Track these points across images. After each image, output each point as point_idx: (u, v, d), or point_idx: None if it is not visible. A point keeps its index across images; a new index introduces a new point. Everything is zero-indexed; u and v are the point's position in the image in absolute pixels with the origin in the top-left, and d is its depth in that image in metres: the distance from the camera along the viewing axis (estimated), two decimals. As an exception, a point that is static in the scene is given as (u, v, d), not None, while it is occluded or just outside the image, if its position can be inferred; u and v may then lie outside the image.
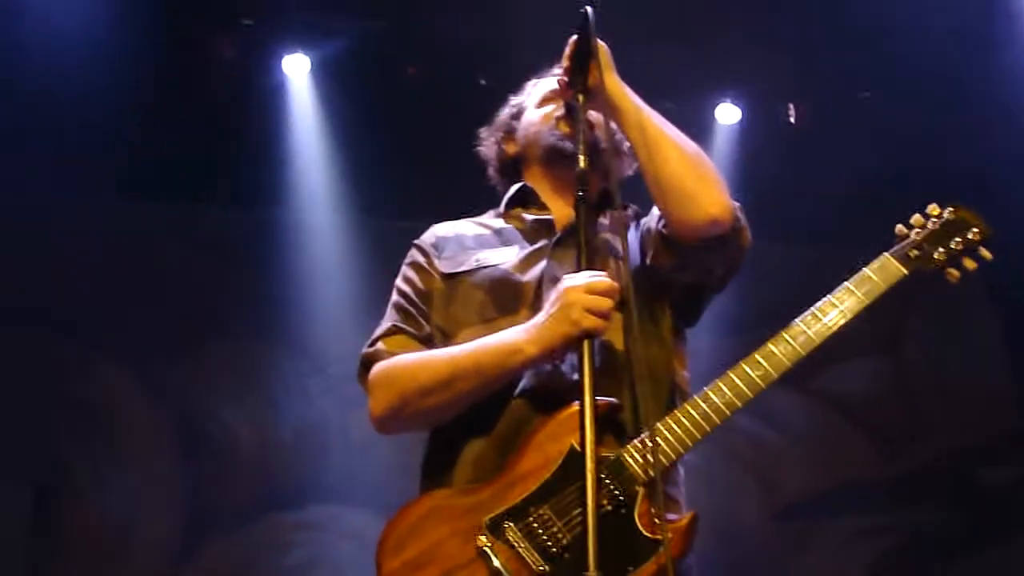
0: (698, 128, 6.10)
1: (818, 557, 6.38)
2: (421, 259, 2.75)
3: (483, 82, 5.84)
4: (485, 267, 2.63)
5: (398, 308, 2.69)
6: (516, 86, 3.10)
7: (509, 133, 2.98)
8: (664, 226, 2.51)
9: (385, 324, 2.67)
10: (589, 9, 2.38)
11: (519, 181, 2.91)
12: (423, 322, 2.64)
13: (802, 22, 5.54)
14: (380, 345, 2.62)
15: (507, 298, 2.56)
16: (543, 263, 2.59)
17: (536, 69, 3.02)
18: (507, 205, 2.87)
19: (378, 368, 2.56)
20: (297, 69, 5.91)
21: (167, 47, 5.58)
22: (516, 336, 2.39)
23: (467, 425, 2.47)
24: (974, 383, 6.77)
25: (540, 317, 2.38)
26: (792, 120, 6.29)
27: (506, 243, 2.73)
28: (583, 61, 2.45)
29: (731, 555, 5.88)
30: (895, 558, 6.41)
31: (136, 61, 5.45)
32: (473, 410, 2.46)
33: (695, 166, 2.46)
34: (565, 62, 2.53)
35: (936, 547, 6.41)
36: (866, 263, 2.49)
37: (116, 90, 5.47)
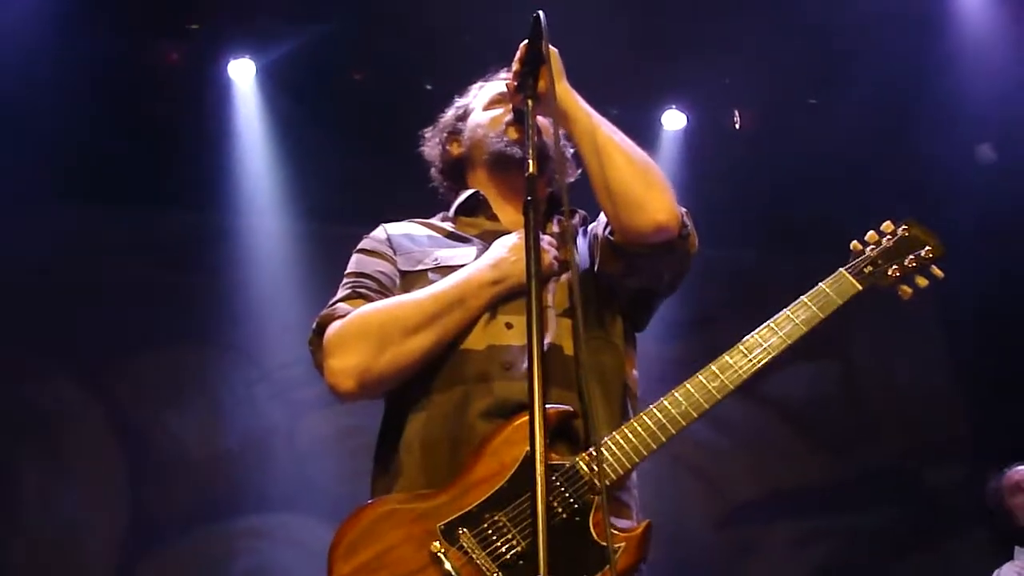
0: (644, 134, 6.15)
1: (764, 560, 6.42)
2: (381, 247, 2.71)
3: (429, 87, 5.85)
4: (445, 266, 2.60)
5: (357, 278, 2.63)
6: (462, 91, 3.10)
7: (454, 134, 2.97)
8: (611, 233, 2.52)
9: (343, 291, 2.61)
10: (541, 14, 2.37)
11: (462, 182, 2.90)
12: (385, 293, 2.58)
13: (747, 29, 5.59)
14: (340, 305, 2.55)
15: None
16: None
17: (482, 74, 3.03)
18: (456, 211, 2.84)
19: (342, 322, 2.48)
20: (243, 74, 5.88)
21: (113, 51, 5.53)
22: (488, 273, 2.49)
23: (416, 419, 2.46)
24: (918, 388, 6.86)
25: (498, 254, 2.51)
26: (737, 126, 6.34)
27: (463, 243, 2.71)
28: (533, 66, 2.45)
29: (677, 558, 5.91)
30: (841, 561, 6.47)
31: (81, 65, 5.41)
32: (425, 409, 2.45)
33: (643, 173, 2.47)
34: (515, 65, 2.53)
35: (881, 549, 6.47)
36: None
37: (60, 94, 5.43)
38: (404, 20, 5.55)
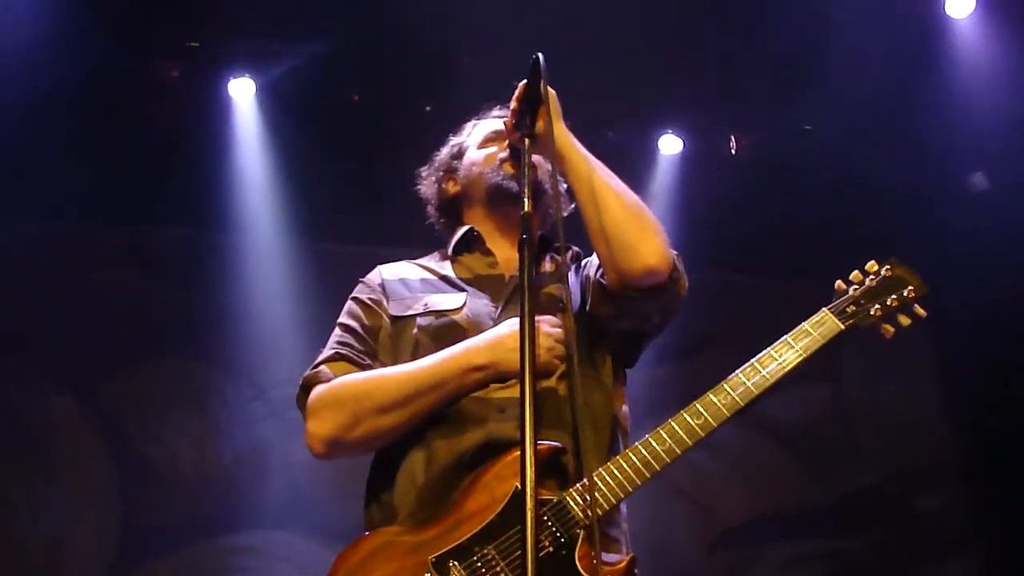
0: (641, 158, 6.19)
1: (754, 583, 6.43)
2: (368, 297, 2.77)
3: (428, 108, 5.88)
4: (433, 311, 2.67)
5: (342, 338, 2.71)
6: (460, 113, 3.13)
7: (450, 172, 3.02)
8: (602, 276, 2.58)
9: (327, 351, 2.69)
10: (540, 56, 2.42)
11: (459, 220, 2.95)
12: (366, 356, 2.66)
13: (744, 55, 5.63)
14: (323, 368, 2.64)
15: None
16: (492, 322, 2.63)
17: (481, 97, 3.06)
18: (454, 250, 2.88)
19: (323, 388, 2.58)
20: (242, 93, 5.90)
21: (114, 69, 5.55)
22: (476, 356, 2.48)
23: (411, 453, 2.51)
24: (907, 414, 6.89)
25: (501, 335, 2.48)
26: (733, 151, 6.38)
27: (454, 288, 2.76)
28: (531, 105, 2.50)
29: (666, 580, 5.93)
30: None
31: (81, 82, 5.43)
32: (419, 444, 2.50)
33: (636, 216, 2.52)
34: (513, 104, 2.57)
35: (870, 573, 6.49)
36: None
37: (60, 111, 5.45)
38: (403, 42, 5.59)
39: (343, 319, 2.77)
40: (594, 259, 2.67)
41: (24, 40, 5.16)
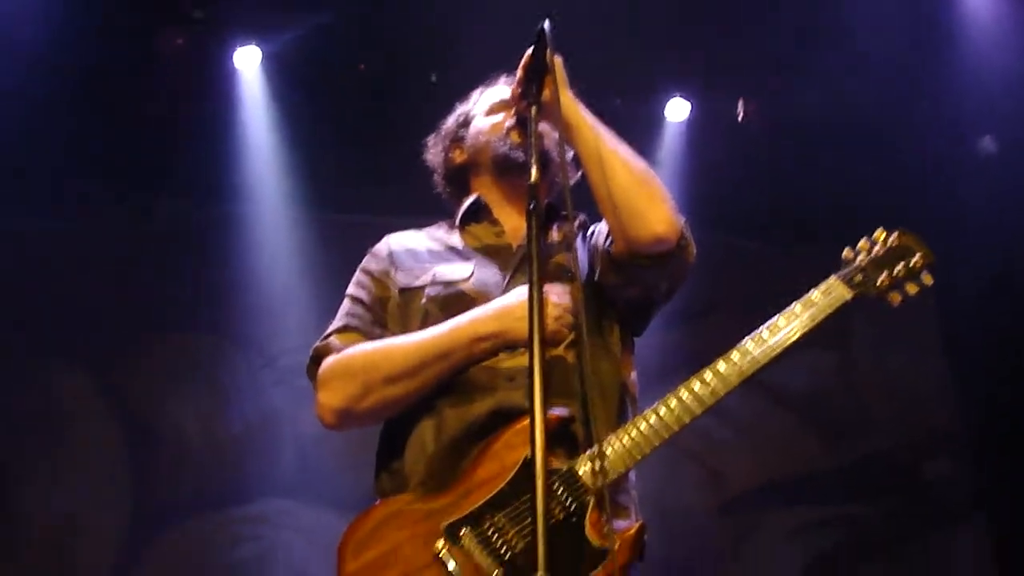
0: (648, 124, 6.17)
1: (761, 549, 6.45)
2: (377, 268, 2.79)
3: (433, 78, 5.86)
4: (441, 282, 2.68)
5: (351, 309, 2.73)
6: (466, 83, 3.12)
7: (456, 141, 3.01)
8: (610, 244, 2.58)
9: (337, 322, 2.71)
10: (547, 24, 2.42)
11: (466, 189, 2.95)
12: (375, 326, 2.68)
13: (753, 18, 5.60)
14: (333, 339, 2.65)
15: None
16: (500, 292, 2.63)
17: (487, 67, 3.05)
18: (461, 220, 2.88)
19: (333, 359, 2.59)
20: (248, 62, 5.89)
21: (118, 39, 5.54)
22: (483, 325, 2.49)
23: (421, 422, 2.53)
24: (917, 382, 6.88)
25: (508, 304, 2.49)
26: (741, 116, 6.35)
27: (462, 258, 2.76)
28: (537, 73, 2.49)
29: (675, 546, 5.95)
30: (838, 549, 6.49)
31: (87, 52, 5.42)
32: (429, 413, 2.52)
33: (644, 184, 2.52)
34: (519, 73, 2.57)
35: (878, 539, 6.51)
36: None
37: (65, 81, 5.44)
38: (409, 11, 5.57)
39: (352, 290, 2.78)
40: (601, 227, 2.68)
41: (30, 10, 5.15)
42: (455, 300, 2.62)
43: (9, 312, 5.92)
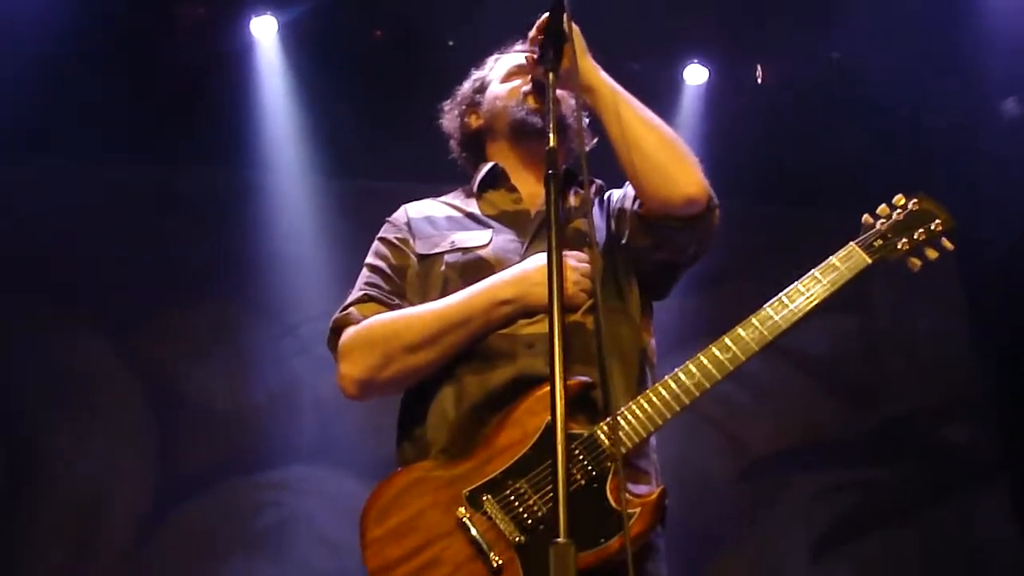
0: (666, 89, 6.14)
1: (781, 514, 6.46)
2: (395, 236, 2.78)
3: (451, 43, 5.84)
4: (460, 248, 2.68)
5: (370, 279, 2.73)
6: (484, 47, 3.11)
7: (473, 106, 3.00)
8: (639, 207, 2.58)
9: (356, 293, 2.71)
10: None
11: (482, 155, 2.95)
12: (394, 296, 2.67)
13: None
14: (353, 310, 2.65)
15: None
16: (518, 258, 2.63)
17: (505, 31, 3.03)
18: (479, 187, 2.88)
19: (353, 330, 2.59)
20: (265, 30, 5.88)
21: (136, 8, 5.54)
22: (501, 291, 2.49)
23: (442, 389, 2.53)
24: (938, 346, 6.85)
25: (526, 269, 2.49)
26: (759, 81, 6.31)
27: (480, 225, 2.76)
28: (554, 39, 2.46)
29: (694, 512, 5.96)
30: (859, 515, 6.50)
31: (104, 21, 5.43)
32: (450, 380, 2.52)
33: (670, 147, 2.52)
34: (533, 33, 2.56)
35: (900, 503, 6.50)
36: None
37: (85, 50, 5.45)
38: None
39: (370, 260, 2.78)
40: (621, 191, 2.68)
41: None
42: (474, 266, 2.62)
43: (34, 280, 5.96)
